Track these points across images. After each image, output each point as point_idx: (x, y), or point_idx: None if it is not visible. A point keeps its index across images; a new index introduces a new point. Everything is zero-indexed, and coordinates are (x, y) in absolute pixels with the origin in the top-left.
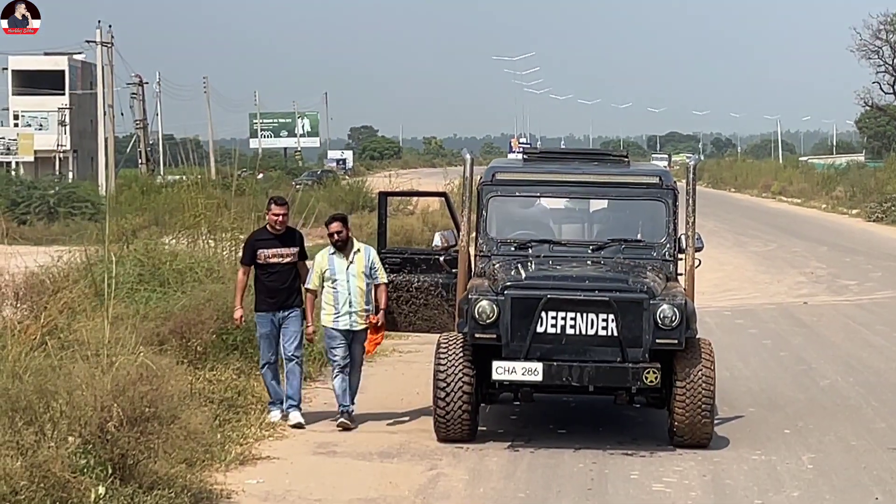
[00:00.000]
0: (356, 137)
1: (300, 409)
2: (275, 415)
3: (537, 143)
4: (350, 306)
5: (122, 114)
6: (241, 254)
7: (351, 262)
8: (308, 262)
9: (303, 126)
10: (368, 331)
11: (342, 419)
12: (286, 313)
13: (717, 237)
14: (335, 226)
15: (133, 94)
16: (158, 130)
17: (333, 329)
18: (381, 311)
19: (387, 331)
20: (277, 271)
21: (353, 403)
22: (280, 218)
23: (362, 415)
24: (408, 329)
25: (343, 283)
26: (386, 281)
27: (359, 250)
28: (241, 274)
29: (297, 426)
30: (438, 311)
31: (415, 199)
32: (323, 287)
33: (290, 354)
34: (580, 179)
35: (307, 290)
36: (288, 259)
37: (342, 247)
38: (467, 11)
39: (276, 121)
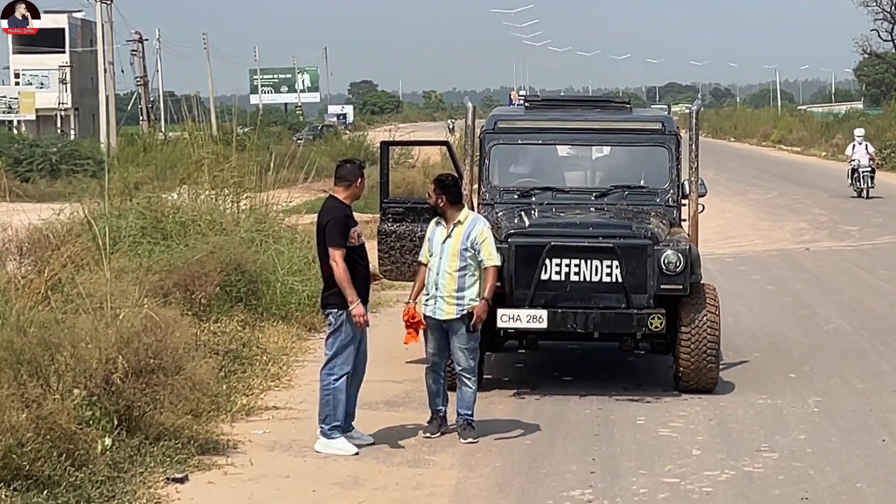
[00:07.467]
0: (356, 92)
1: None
2: (342, 443)
3: (537, 95)
4: (436, 289)
5: (122, 71)
6: (334, 234)
7: (448, 237)
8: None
9: (303, 81)
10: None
11: (466, 434)
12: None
13: (718, 185)
14: (430, 188)
15: (133, 51)
16: (159, 87)
17: (423, 314)
18: (483, 301)
19: (391, 280)
20: (365, 254)
21: (471, 413)
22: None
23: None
24: (412, 279)
25: (435, 259)
26: (496, 264)
27: (460, 222)
28: (342, 259)
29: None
30: None
31: (416, 151)
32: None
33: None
34: (582, 126)
35: (419, 263)
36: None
37: (443, 213)
38: None
39: (276, 76)
